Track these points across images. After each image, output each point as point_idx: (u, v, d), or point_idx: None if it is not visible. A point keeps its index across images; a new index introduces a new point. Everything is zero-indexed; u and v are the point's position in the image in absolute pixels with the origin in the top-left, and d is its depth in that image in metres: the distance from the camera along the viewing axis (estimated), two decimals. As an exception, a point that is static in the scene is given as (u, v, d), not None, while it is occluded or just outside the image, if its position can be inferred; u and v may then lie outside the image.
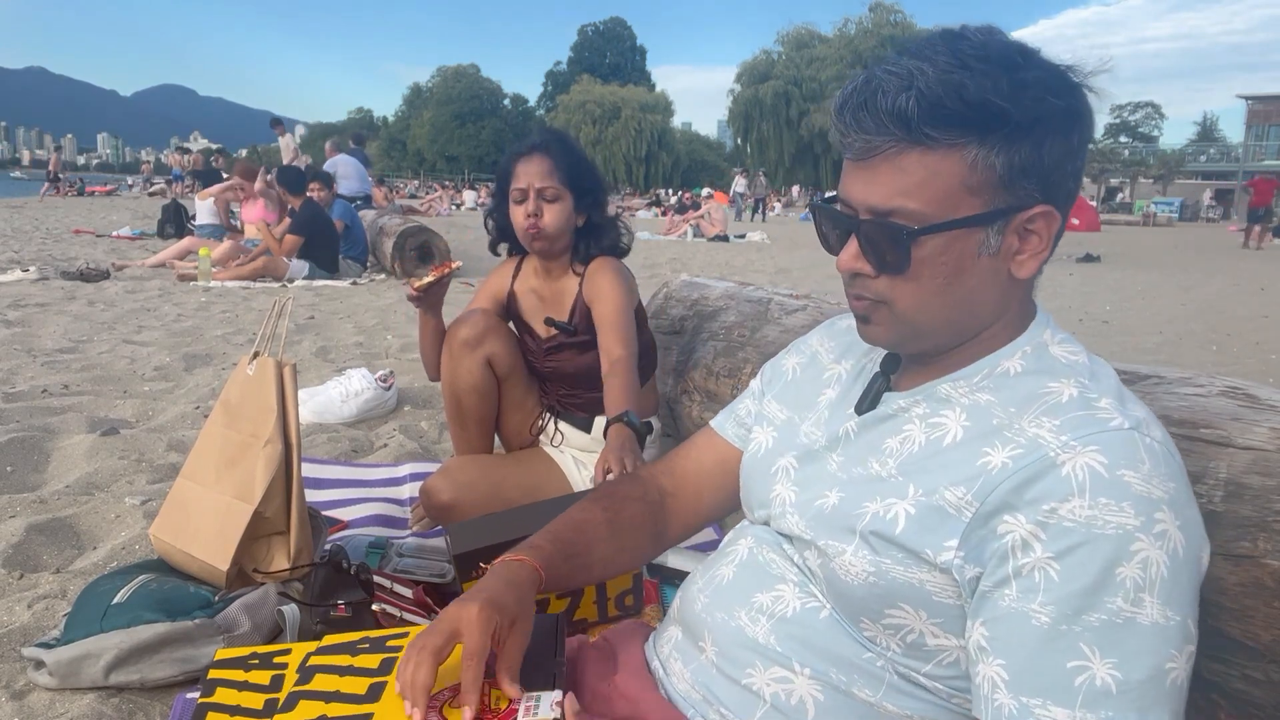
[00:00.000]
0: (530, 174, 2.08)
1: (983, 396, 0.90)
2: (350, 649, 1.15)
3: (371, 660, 1.10)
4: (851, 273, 0.90)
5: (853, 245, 0.89)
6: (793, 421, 1.10)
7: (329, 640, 1.20)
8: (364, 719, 0.99)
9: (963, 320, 0.91)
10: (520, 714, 0.93)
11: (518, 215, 2.11)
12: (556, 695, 0.94)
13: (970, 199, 0.84)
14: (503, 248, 2.35)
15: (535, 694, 0.95)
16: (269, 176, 8.58)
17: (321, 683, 1.07)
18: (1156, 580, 0.75)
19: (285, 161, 11.99)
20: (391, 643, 1.15)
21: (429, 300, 2.13)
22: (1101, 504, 0.76)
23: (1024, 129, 0.82)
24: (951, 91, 0.80)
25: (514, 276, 2.31)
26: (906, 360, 0.99)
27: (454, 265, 2.09)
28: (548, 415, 2.32)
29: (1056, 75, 0.84)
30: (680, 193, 30.50)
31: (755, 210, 26.47)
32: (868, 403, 0.99)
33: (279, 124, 13.43)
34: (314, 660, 1.14)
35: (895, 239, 0.85)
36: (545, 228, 2.08)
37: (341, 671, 1.09)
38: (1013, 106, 0.80)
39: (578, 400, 2.25)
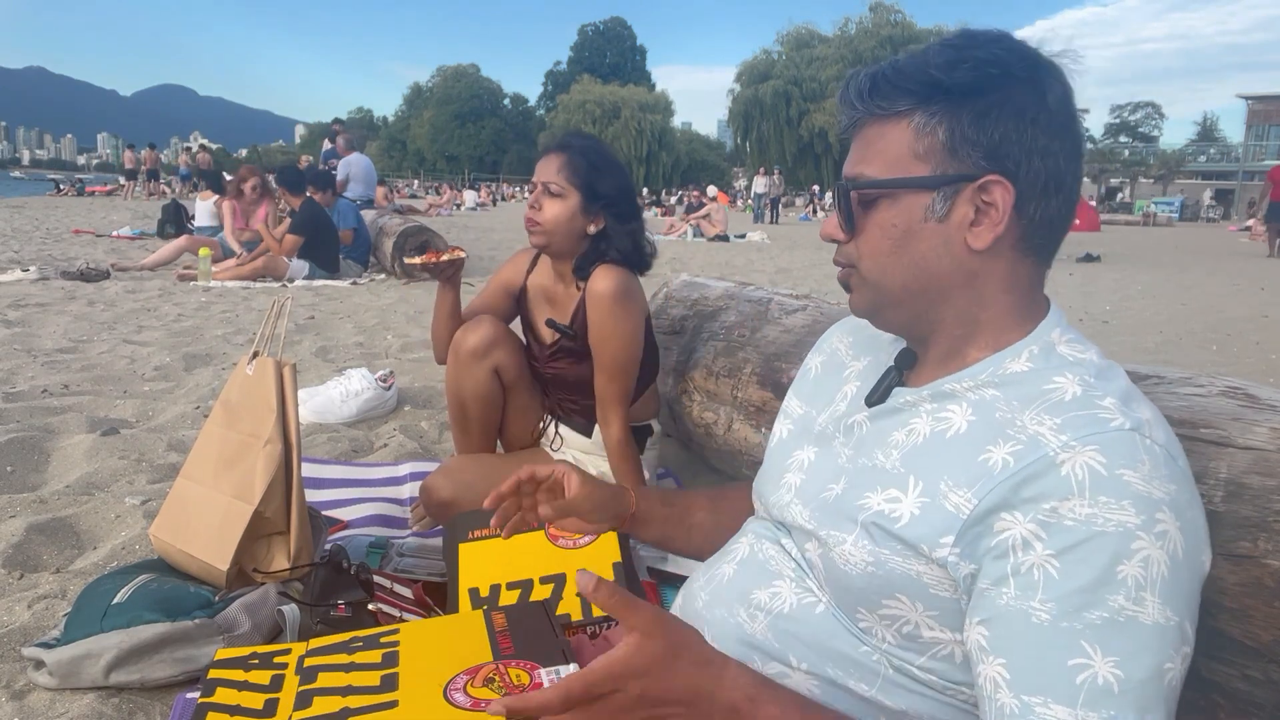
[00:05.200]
0: (543, 170, 2.10)
1: (989, 392, 0.91)
2: (345, 648, 1.15)
3: (373, 655, 1.12)
4: (830, 239, 0.99)
5: (835, 213, 0.98)
6: (809, 415, 1.12)
7: (315, 643, 1.21)
8: (389, 705, 1.00)
9: (920, 286, 0.93)
10: (545, 686, 0.97)
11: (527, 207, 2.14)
12: (574, 668, 1.01)
13: (917, 164, 0.90)
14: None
15: (554, 668, 1.03)
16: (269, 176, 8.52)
17: (329, 680, 1.08)
18: (1157, 579, 0.75)
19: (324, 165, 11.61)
20: (385, 639, 1.15)
21: (440, 276, 2.15)
22: (1102, 502, 0.76)
23: (962, 98, 0.87)
24: (890, 67, 0.92)
25: (529, 270, 2.31)
26: (920, 355, 1.00)
27: (451, 254, 2.11)
28: (548, 418, 2.33)
29: (1011, 52, 0.88)
30: (687, 189, 29.31)
31: (772, 211, 24.29)
32: (878, 395, 1.00)
33: (340, 125, 12.14)
34: (310, 661, 1.14)
35: (845, 199, 0.95)
36: (541, 221, 2.09)
37: (346, 669, 1.10)
38: (945, 76, 0.87)
39: (576, 406, 2.25)
